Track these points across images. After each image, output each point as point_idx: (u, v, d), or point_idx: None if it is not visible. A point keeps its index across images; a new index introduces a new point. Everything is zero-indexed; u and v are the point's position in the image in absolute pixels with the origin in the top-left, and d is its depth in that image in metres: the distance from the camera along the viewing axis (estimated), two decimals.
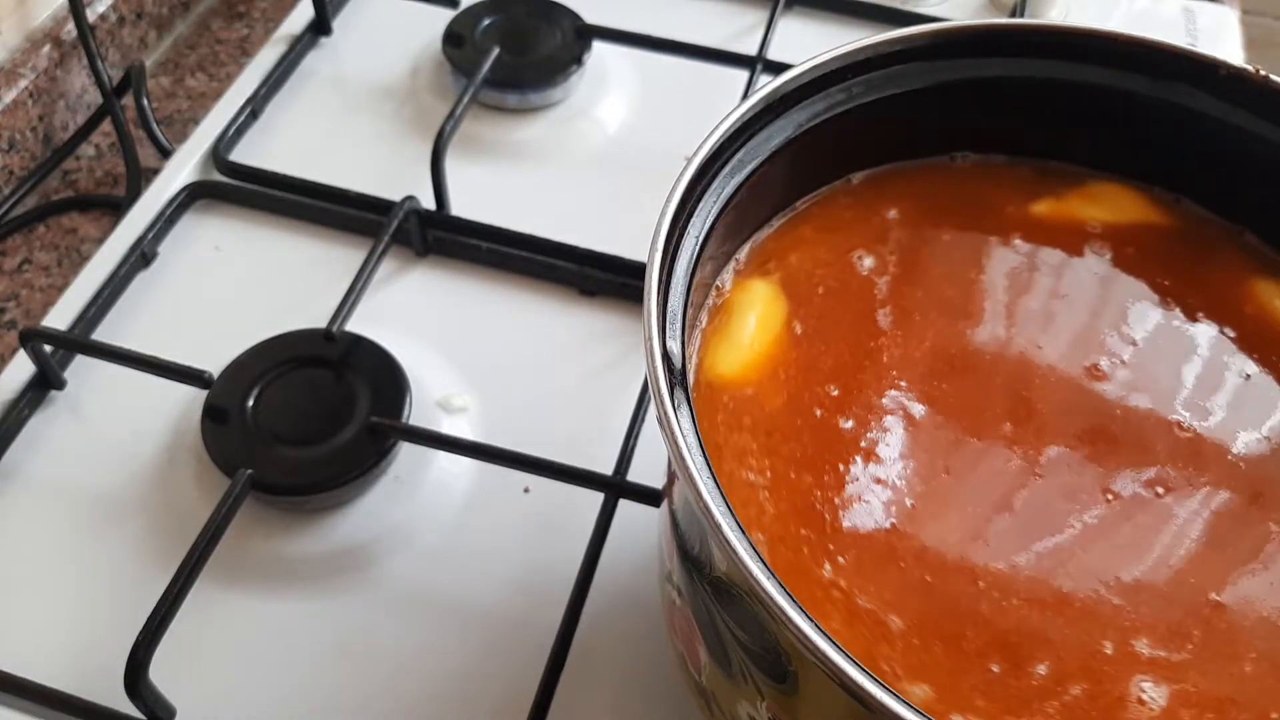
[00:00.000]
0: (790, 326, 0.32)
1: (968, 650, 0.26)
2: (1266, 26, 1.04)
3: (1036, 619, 0.27)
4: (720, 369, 0.31)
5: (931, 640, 0.26)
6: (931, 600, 0.27)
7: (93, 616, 0.41)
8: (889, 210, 0.35)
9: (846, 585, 0.27)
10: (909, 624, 0.26)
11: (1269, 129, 0.33)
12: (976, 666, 0.26)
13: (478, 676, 0.40)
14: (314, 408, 0.44)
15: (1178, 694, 0.26)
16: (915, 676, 0.26)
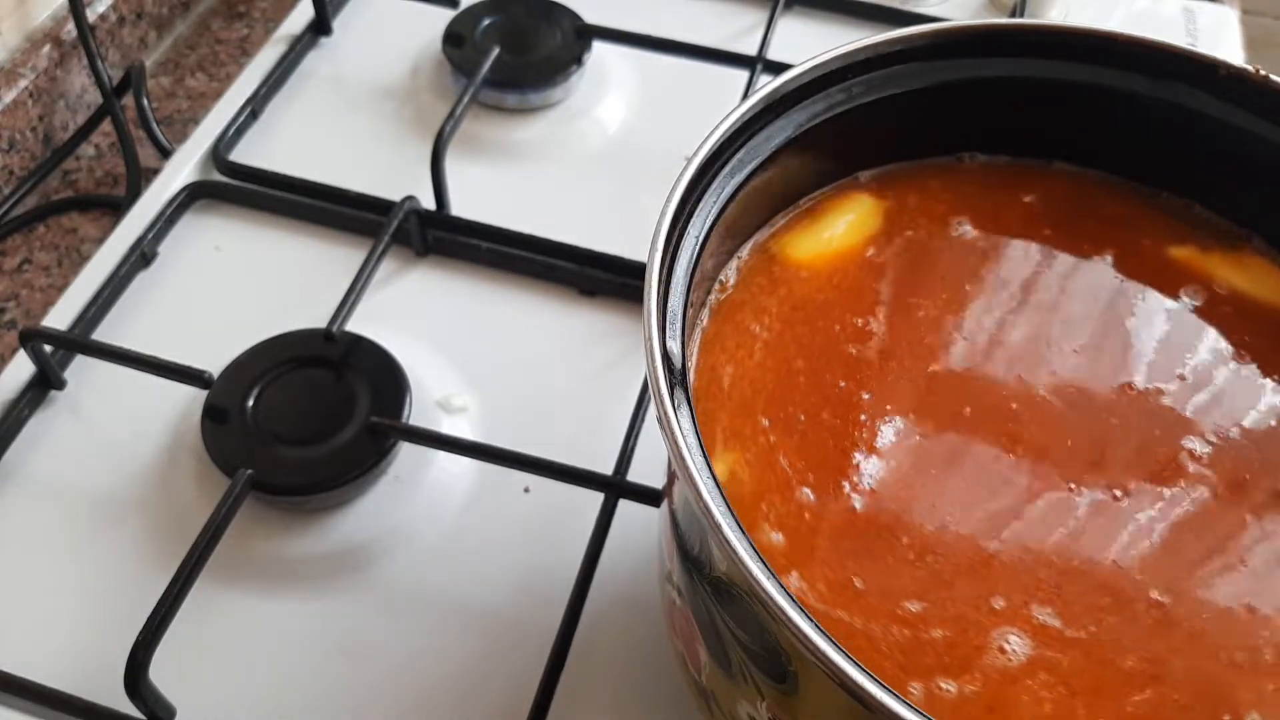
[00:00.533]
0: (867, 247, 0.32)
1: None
2: (1266, 26, 1.04)
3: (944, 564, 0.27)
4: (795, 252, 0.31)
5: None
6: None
7: (93, 616, 0.41)
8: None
9: None
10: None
11: (1269, 129, 0.33)
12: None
13: (478, 676, 0.40)
14: (314, 408, 0.44)
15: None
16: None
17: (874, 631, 0.26)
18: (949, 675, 0.26)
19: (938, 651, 0.26)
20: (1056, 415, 0.31)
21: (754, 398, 0.31)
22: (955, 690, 0.26)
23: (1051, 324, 0.33)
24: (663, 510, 0.33)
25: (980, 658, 0.26)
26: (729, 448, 0.29)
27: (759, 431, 0.30)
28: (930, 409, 0.31)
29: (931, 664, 0.26)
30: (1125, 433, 0.30)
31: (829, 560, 0.28)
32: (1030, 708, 0.26)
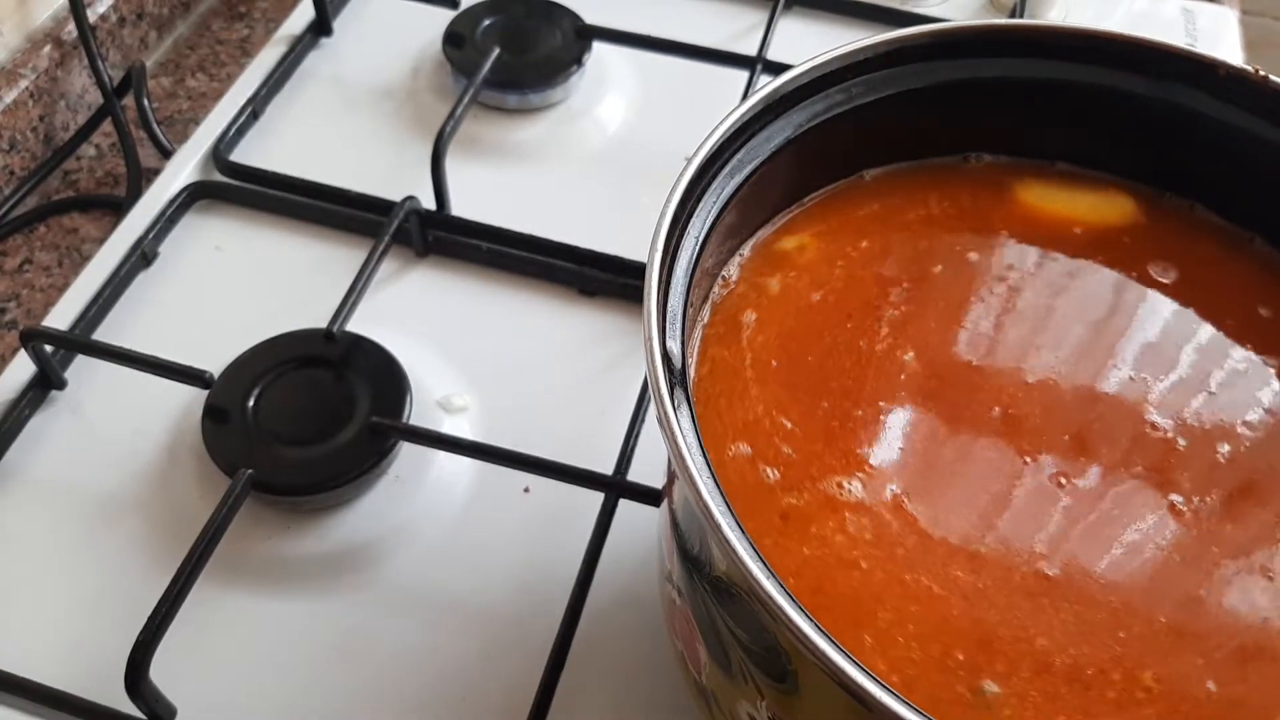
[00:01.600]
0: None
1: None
2: (1266, 26, 1.05)
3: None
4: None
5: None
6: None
7: (93, 616, 0.41)
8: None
9: None
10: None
11: (1269, 129, 0.33)
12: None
13: (478, 676, 0.40)
14: (314, 408, 0.44)
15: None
16: None
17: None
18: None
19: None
20: (1054, 412, 0.31)
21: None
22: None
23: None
24: (663, 510, 0.33)
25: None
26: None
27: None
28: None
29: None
30: (1116, 429, 0.30)
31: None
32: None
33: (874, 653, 0.26)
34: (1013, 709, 0.25)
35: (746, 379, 0.31)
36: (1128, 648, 0.26)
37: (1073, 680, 0.26)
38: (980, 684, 0.26)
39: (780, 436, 0.30)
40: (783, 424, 0.30)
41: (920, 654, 0.26)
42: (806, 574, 0.27)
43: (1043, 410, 0.31)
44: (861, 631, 0.26)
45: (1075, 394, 0.31)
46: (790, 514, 0.28)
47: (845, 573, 0.27)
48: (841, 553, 0.28)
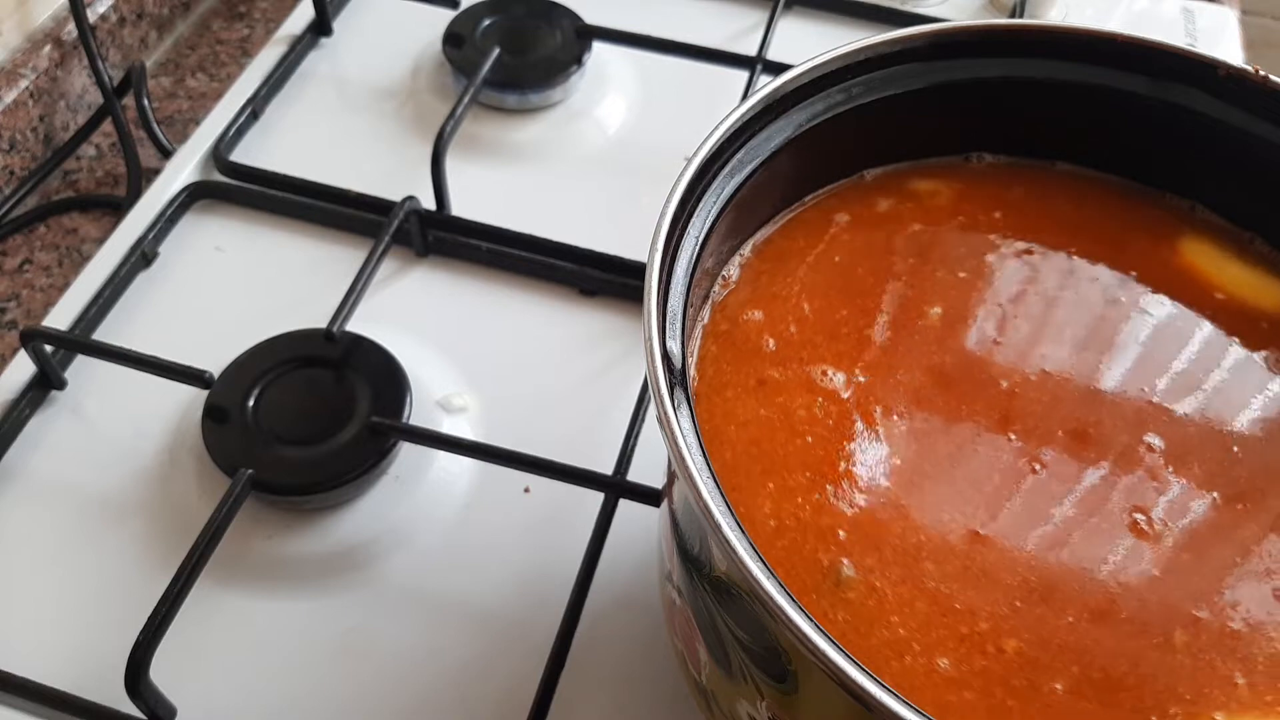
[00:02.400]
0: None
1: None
2: (1266, 26, 1.05)
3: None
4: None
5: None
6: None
7: (93, 616, 0.41)
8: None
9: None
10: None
11: (1269, 129, 0.33)
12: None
13: (478, 676, 0.40)
14: (314, 408, 0.44)
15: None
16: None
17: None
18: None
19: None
20: (1052, 411, 0.31)
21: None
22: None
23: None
24: (663, 510, 0.33)
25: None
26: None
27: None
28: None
29: None
30: (1113, 427, 0.30)
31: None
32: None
33: (767, 498, 0.28)
34: (858, 593, 0.27)
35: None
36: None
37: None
38: (839, 562, 0.27)
39: (794, 319, 0.32)
40: (803, 308, 0.32)
41: (808, 517, 0.28)
42: (752, 427, 0.29)
43: (1041, 408, 0.31)
44: (769, 481, 0.28)
45: (1075, 391, 0.31)
46: (768, 382, 0.30)
47: (789, 438, 0.29)
48: (795, 423, 0.30)
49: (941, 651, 0.26)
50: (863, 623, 0.26)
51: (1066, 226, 0.35)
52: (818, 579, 0.27)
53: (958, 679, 0.26)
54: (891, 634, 0.26)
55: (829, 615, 0.27)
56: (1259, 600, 0.27)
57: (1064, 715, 0.25)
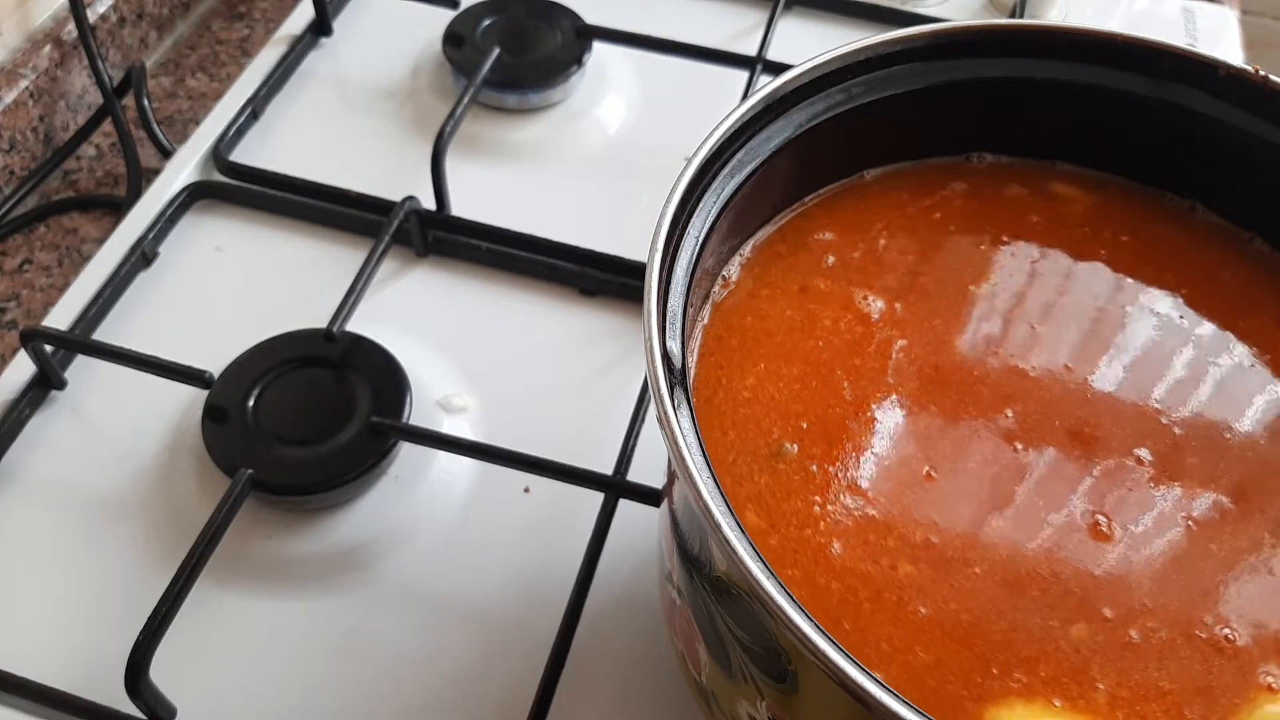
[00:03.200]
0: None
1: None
2: (1266, 26, 1.05)
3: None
4: None
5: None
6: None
7: (93, 616, 0.41)
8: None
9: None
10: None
11: (1269, 129, 0.33)
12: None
13: (478, 676, 0.40)
14: (314, 408, 0.44)
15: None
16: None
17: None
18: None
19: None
20: (1050, 408, 0.31)
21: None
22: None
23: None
24: (663, 510, 0.33)
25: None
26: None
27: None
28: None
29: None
30: (1112, 426, 0.30)
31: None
32: None
33: (753, 373, 0.31)
34: (788, 467, 0.29)
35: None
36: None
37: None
38: (784, 442, 0.30)
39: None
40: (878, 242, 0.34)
41: (781, 400, 0.30)
42: (770, 320, 0.32)
43: (1039, 406, 0.31)
44: (762, 362, 0.31)
45: (1072, 391, 0.31)
46: (809, 289, 0.33)
47: (801, 338, 0.32)
48: (815, 327, 0.32)
49: (839, 537, 0.28)
50: (780, 489, 0.29)
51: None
52: (760, 448, 0.30)
53: (851, 566, 0.28)
54: (804, 506, 0.29)
55: (752, 477, 0.29)
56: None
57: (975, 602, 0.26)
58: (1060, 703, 0.26)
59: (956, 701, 0.26)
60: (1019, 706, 0.26)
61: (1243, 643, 0.27)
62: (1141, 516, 0.29)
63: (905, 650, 0.26)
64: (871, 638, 0.27)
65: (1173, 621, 0.27)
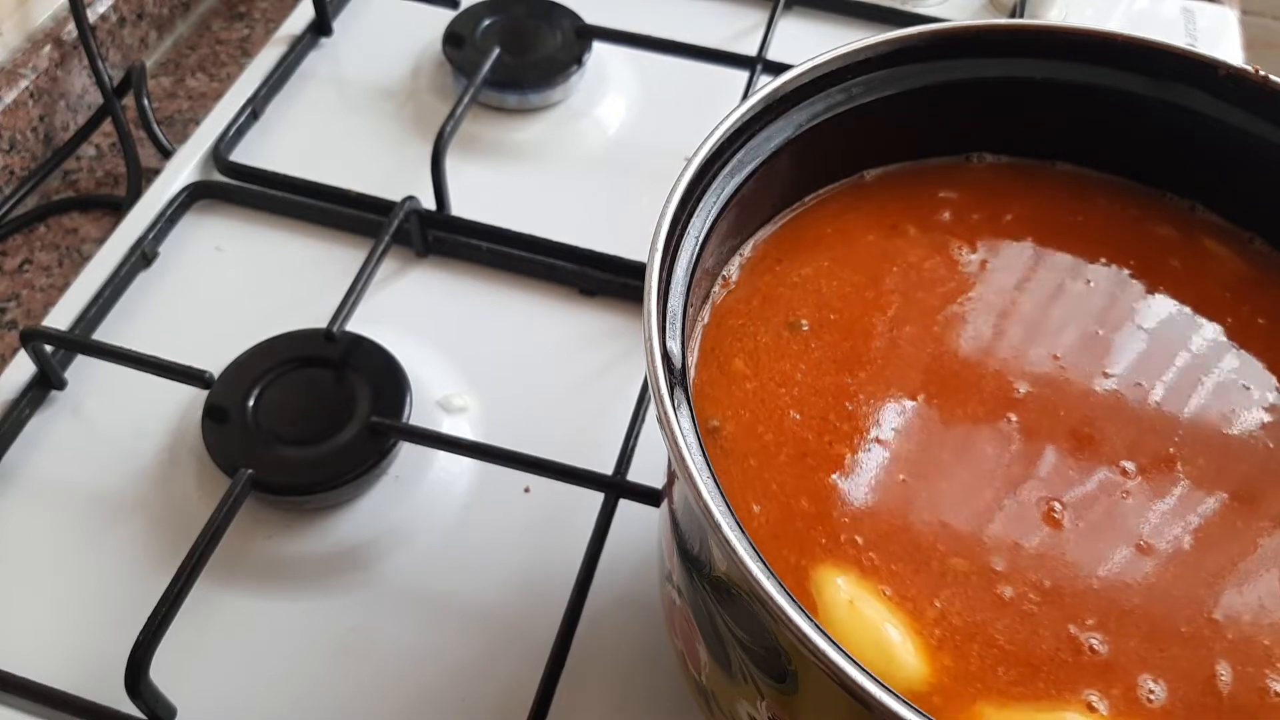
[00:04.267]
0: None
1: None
2: (1266, 26, 1.05)
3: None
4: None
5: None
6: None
7: (93, 616, 0.41)
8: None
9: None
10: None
11: (1269, 129, 0.33)
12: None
13: (478, 676, 0.40)
14: (314, 408, 0.44)
15: None
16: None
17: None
18: None
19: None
20: (1049, 408, 0.31)
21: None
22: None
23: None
24: (663, 510, 0.33)
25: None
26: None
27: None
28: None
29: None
30: (1116, 429, 0.30)
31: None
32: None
33: None
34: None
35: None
36: None
37: None
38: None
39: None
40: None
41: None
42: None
43: (1039, 407, 0.31)
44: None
45: (1072, 391, 0.31)
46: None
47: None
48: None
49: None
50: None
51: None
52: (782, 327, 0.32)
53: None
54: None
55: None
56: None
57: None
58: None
59: (807, 543, 0.28)
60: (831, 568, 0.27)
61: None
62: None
63: (793, 496, 0.28)
64: (771, 478, 0.28)
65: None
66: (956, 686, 0.26)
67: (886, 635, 0.26)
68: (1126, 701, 0.26)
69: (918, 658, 0.26)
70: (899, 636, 0.26)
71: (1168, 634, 0.27)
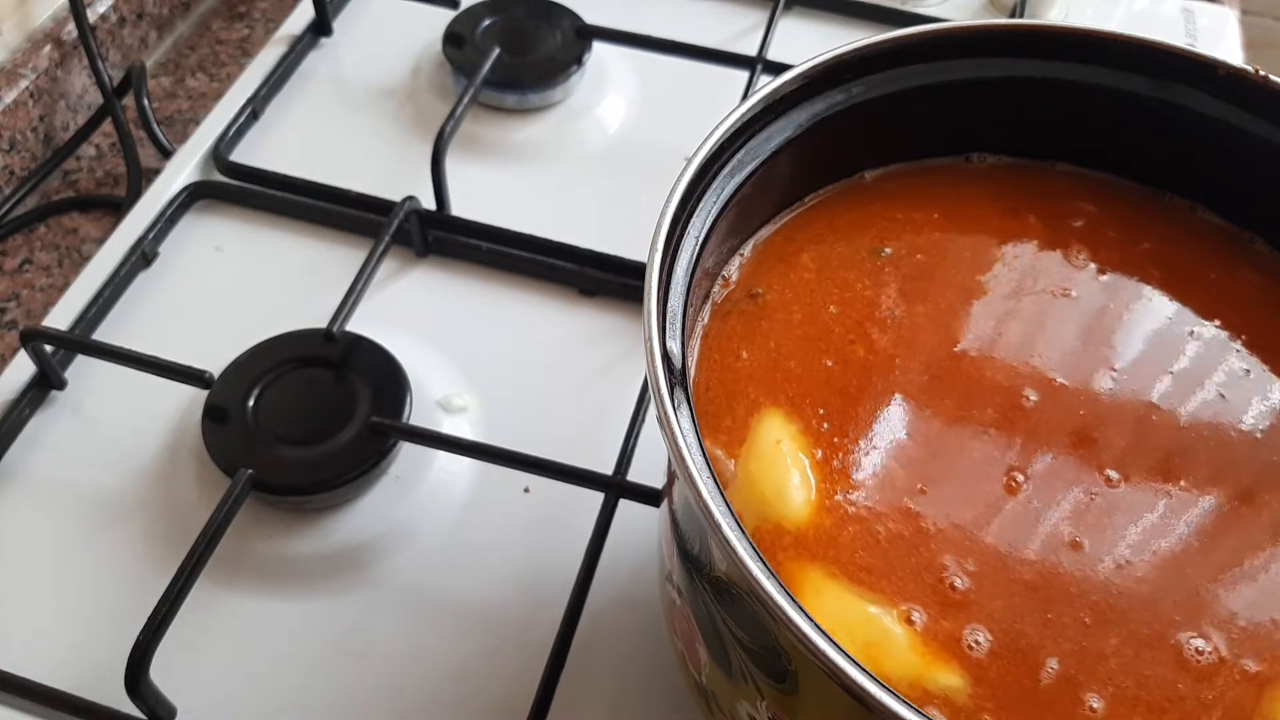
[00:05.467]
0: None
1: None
2: (1266, 26, 1.05)
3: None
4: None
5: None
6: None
7: (93, 616, 0.41)
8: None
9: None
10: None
11: (1269, 129, 0.33)
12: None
13: (478, 676, 0.40)
14: (314, 408, 0.44)
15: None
16: None
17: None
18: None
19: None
20: (1049, 409, 0.31)
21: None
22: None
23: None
24: (663, 510, 0.33)
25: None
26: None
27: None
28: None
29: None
30: (1115, 429, 0.30)
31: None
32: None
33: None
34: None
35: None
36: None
37: None
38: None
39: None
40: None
41: None
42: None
43: (1038, 407, 0.31)
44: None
45: (1072, 391, 0.31)
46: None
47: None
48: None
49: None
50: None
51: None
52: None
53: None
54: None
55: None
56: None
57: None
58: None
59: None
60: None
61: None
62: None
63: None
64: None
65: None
66: (817, 544, 0.28)
67: (791, 477, 0.29)
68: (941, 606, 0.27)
69: (807, 507, 0.28)
70: (799, 480, 0.29)
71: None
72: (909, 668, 0.26)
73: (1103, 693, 0.26)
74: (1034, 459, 0.30)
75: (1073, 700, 0.26)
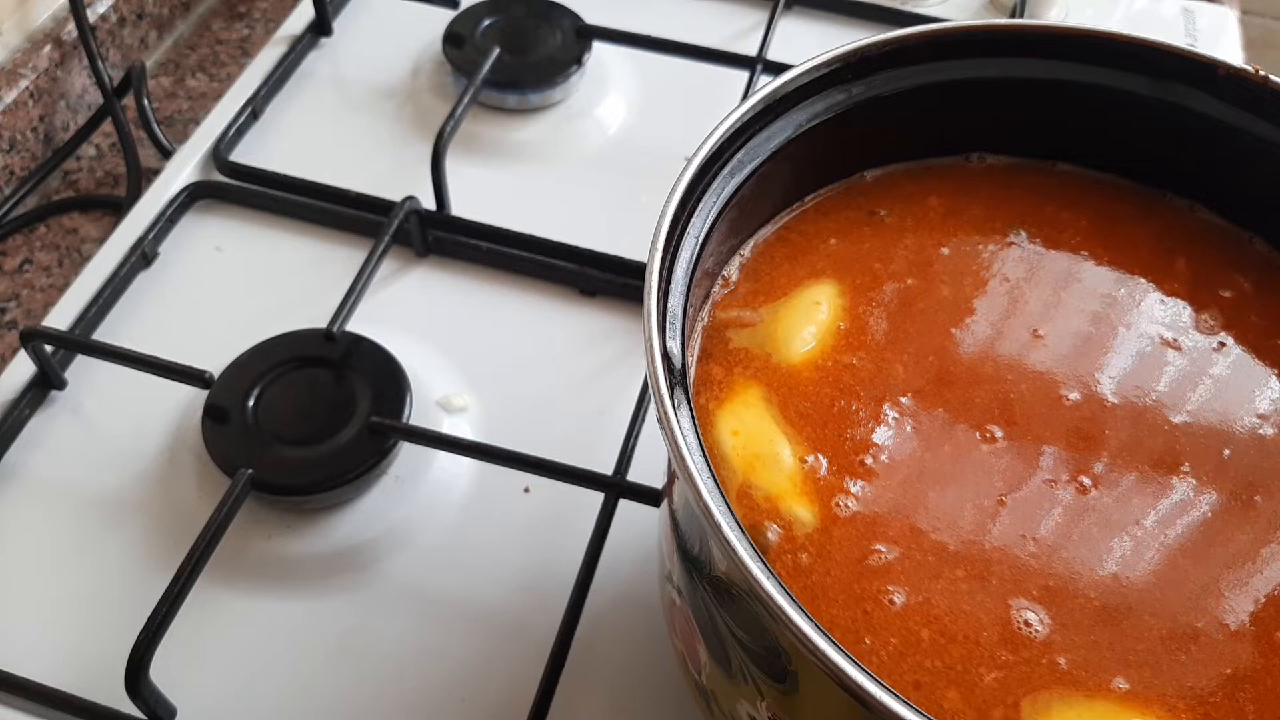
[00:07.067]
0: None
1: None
2: (1266, 26, 1.05)
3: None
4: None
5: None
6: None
7: (93, 616, 0.41)
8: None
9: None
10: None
11: (1269, 129, 0.33)
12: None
13: (478, 676, 0.40)
14: (314, 408, 0.44)
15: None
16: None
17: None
18: None
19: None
20: (1049, 409, 0.31)
21: None
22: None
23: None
24: (663, 510, 0.33)
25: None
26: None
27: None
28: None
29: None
30: (1113, 429, 0.30)
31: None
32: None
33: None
34: None
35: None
36: None
37: None
38: None
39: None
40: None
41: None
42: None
43: (1038, 407, 0.31)
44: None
45: (1071, 391, 0.31)
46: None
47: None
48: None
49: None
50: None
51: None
52: None
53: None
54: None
55: None
56: None
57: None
58: None
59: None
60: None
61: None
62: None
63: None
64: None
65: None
66: (778, 379, 0.30)
67: (808, 329, 0.32)
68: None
69: (802, 357, 0.31)
70: (811, 333, 0.32)
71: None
72: (775, 487, 0.28)
73: None
74: (1011, 417, 0.30)
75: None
